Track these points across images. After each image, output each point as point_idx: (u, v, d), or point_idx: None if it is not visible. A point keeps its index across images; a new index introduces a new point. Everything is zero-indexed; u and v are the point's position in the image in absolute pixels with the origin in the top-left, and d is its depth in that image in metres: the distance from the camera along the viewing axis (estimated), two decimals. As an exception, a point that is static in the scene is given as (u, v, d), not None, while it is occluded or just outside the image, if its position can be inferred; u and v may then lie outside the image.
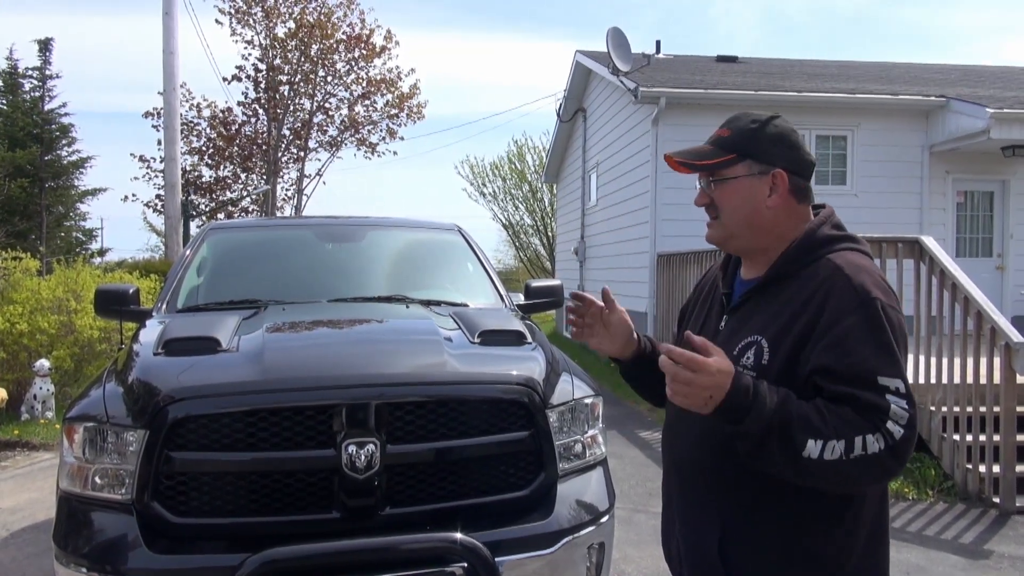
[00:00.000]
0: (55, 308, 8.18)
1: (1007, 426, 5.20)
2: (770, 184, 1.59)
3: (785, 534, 1.50)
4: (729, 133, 1.63)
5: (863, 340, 1.42)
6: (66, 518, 2.59)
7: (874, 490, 1.53)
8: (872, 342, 1.42)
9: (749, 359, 1.53)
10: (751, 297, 1.62)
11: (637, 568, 4.22)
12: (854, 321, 1.44)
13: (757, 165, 1.59)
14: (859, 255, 1.57)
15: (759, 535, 1.52)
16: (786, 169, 1.59)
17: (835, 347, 1.42)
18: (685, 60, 14.14)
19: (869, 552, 1.53)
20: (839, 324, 1.44)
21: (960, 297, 5.59)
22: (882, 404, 1.38)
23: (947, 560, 4.38)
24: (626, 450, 6.84)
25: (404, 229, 4.69)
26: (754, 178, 1.59)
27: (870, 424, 1.37)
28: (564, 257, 17.44)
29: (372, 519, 2.52)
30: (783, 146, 1.60)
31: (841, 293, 1.47)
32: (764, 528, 1.52)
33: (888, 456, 1.37)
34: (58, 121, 26.32)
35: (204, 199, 22.50)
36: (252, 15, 21.58)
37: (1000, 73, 13.90)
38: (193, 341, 2.84)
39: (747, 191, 1.60)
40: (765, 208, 1.59)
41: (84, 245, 28.20)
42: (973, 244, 11.10)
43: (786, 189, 1.59)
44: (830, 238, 1.59)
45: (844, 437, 1.36)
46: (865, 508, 1.52)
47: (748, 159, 1.60)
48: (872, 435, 1.36)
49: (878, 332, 1.43)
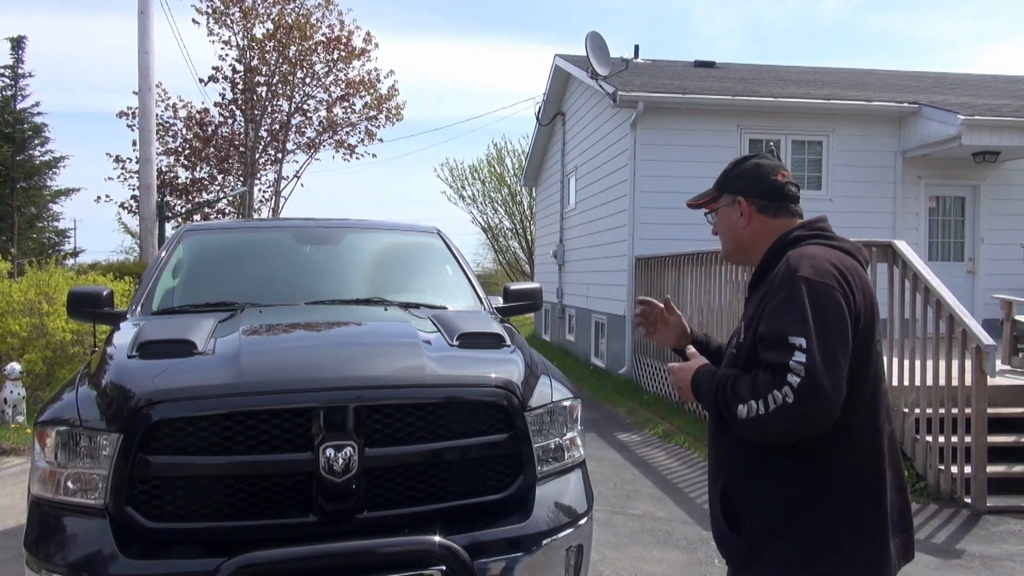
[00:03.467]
0: (26, 310, 8.05)
1: (978, 427, 5.28)
2: (739, 210, 1.97)
3: (766, 486, 1.81)
4: (720, 176, 2.03)
5: (783, 309, 1.73)
6: (38, 523, 2.55)
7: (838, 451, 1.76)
8: (789, 310, 1.71)
9: (735, 341, 1.91)
10: (749, 296, 1.97)
11: (615, 570, 4.23)
12: (782, 296, 1.74)
13: (729, 197, 1.99)
14: (819, 247, 1.84)
15: (749, 487, 1.85)
16: (745, 196, 1.95)
17: (765, 319, 1.76)
18: (663, 65, 14.24)
19: (836, 501, 1.76)
20: (772, 301, 1.77)
21: (932, 300, 5.67)
22: (785, 361, 1.66)
23: (920, 560, 4.43)
24: (605, 452, 6.87)
25: (383, 232, 4.68)
26: (729, 207, 2.00)
27: (778, 381, 1.66)
28: (543, 260, 17.47)
29: (350, 523, 2.50)
30: (745, 178, 1.97)
31: (780, 276, 1.78)
32: (752, 481, 1.84)
33: (795, 405, 1.64)
34: (30, 120, 25.97)
35: (180, 200, 22.28)
36: (230, 15, 21.42)
37: (972, 80, 14.14)
38: (168, 344, 2.81)
39: (726, 219, 2.01)
40: (741, 229, 1.98)
41: (57, 246, 27.84)
42: (945, 248, 11.28)
43: (753, 211, 1.96)
44: (797, 238, 1.89)
45: (760, 397, 1.68)
46: (831, 465, 1.77)
47: (724, 193, 2.01)
48: (779, 390, 1.66)
49: (795, 301, 1.71)
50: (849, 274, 1.77)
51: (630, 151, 10.62)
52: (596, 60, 11.23)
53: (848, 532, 1.75)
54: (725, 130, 10.74)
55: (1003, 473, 5.47)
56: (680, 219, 9.92)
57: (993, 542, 4.71)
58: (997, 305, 8.09)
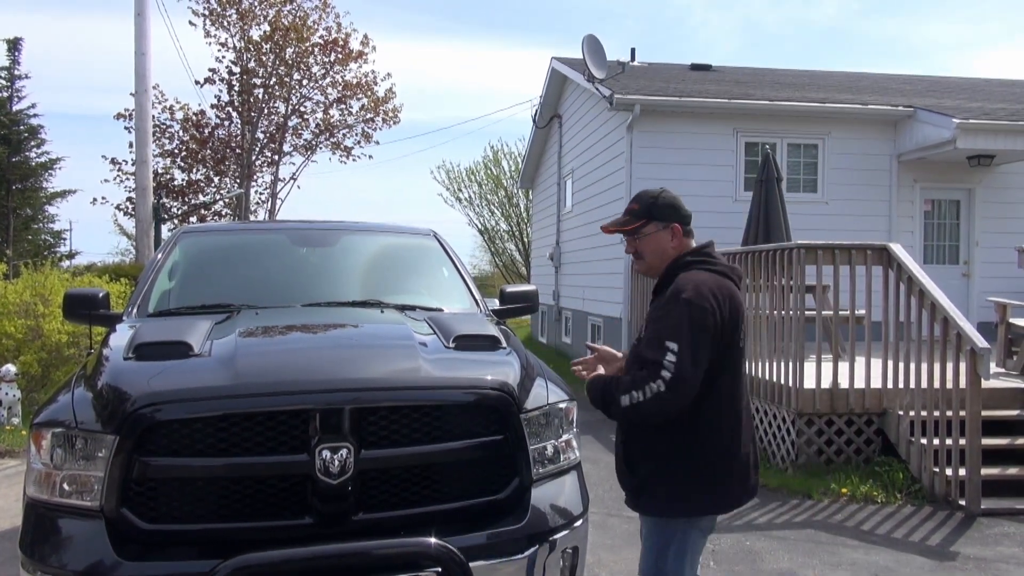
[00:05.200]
0: (22, 312, 8.04)
1: (972, 430, 5.30)
2: (671, 234, 2.51)
3: (651, 442, 2.44)
4: (638, 206, 2.54)
5: (665, 320, 2.33)
6: (33, 525, 2.55)
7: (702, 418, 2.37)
8: (668, 321, 2.32)
9: (635, 340, 2.50)
10: (653, 300, 2.51)
11: (611, 572, 4.24)
12: (666, 309, 2.35)
13: (660, 224, 2.51)
14: (704, 272, 2.43)
15: (640, 442, 2.47)
16: (679, 223, 2.51)
17: (650, 325, 2.38)
18: (660, 68, 14.26)
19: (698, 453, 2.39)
20: (657, 312, 2.38)
21: (927, 303, 5.69)
22: (660, 359, 2.27)
23: (914, 562, 4.45)
24: (601, 455, 6.87)
25: (379, 234, 4.68)
26: (663, 231, 2.51)
27: (653, 374, 2.26)
28: (539, 263, 17.48)
29: (346, 524, 2.51)
30: (672, 208, 2.52)
31: (670, 294, 2.38)
32: (641, 439, 2.47)
33: (666, 393, 2.25)
34: (26, 122, 25.94)
35: (176, 202, 22.27)
36: (226, 17, 21.43)
37: (966, 84, 14.19)
38: (164, 346, 2.81)
39: (656, 241, 2.53)
40: (672, 249, 2.52)
41: (52, 248, 27.79)
42: (940, 251, 11.31)
43: (681, 235, 2.52)
44: (686, 263, 2.48)
45: (640, 388, 2.28)
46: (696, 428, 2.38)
47: (654, 221, 2.51)
48: (654, 382, 2.26)
49: (675, 314, 2.32)
50: (720, 294, 2.37)
51: (626, 154, 10.64)
52: (593, 63, 11.25)
53: (706, 475, 2.40)
54: (721, 133, 10.77)
55: (997, 476, 5.49)
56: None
57: (987, 544, 4.73)
58: (992, 308, 8.12)
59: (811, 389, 6.07)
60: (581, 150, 13.30)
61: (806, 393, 6.08)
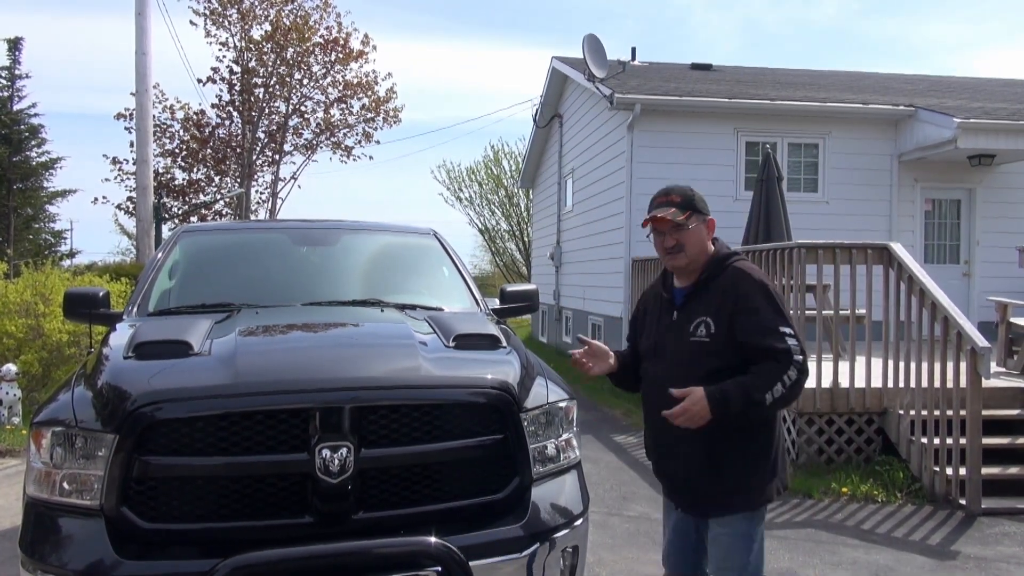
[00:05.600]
0: (23, 311, 8.04)
1: (973, 429, 5.29)
2: (707, 227, 2.60)
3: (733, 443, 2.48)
4: (680, 199, 2.57)
5: (766, 307, 2.45)
6: (33, 524, 2.55)
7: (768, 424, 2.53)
8: (771, 308, 2.45)
9: (702, 331, 2.50)
10: (691, 296, 2.58)
11: (611, 571, 4.24)
12: (759, 298, 2.46)
13: (700, 216, 2.58)
14: (747, 263, 2.60)
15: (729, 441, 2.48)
16: (711, 218, 2.61)
17: (753, 314, 2.44)
18: (660, 67, 14.26)
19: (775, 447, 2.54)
20: (751, 300, 2.46)
21: (928, 303, 5.69)
22: (787, 347, 2.39)
23: (915, 561, 4.45)
24: (601, 454, 6.87)
25: (379, 233, 4.68)
26: (701, 225, 2.58)
27: (785, 364, 2.38)
28: (540, 262, 17.48)
29: (345, 523, 2.50)
30: (704, 204, 2.62)
31: (747, 283, 2.49)
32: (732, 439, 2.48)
33: (800, 375, 2.39)
34: (27, 122, 25.95)
35: (177, 202, 22.25)
36: (227, 17, 21.42)
37: (967, 84, 14.18)
38: (164, 345, 2.81)
39: (698, 234, 2.57)
40: (708, 241, 2.60)
41: (53, 247, 27.80)
42: (941, 251, 11.31)
43: (712, 229, 2.62)
44: (727, 255, 2.60)
45: (779, 380, 2.36)
46: (770, 424, 2.52)
47: (696, 214, 2.57)
48: (789, 371, 2.37)
49: (773, 301, 2.47)
50: None
51: (627, 153, 10.63)
52: (593, 62, 11.25)
53: (779, 462, 2.57)
54: (722, 132, 10.76)
55: (998, 475, 5.48)
56: (677, 221, 9.97)
57: (988, 544, 4.73)
58: (992, 307, 8.12)
59: (811, 388, 6.06)
60: (581, 150, 13.30)
61: (806, 392, 6.07)
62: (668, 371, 2.54)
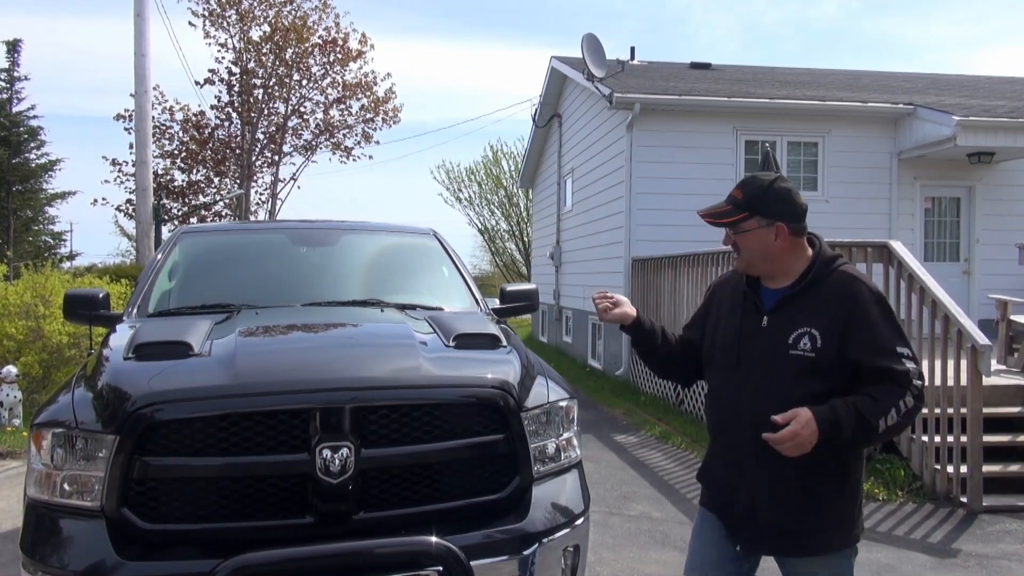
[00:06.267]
0: (23, 313, 8.04)
1: (974, 427, 5.29)
2: (775, 233, 2.21)
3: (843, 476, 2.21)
4: (741, 195, 2.23)
5: (884, 323, 2.14)
6: (34, 526, 2.55)
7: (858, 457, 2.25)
8: (890, 324, 2.15)
9: (806, 344, 2.15)
10: (788, 301, 2.22)
11: (612, 571, 4.24)
12: (876, 313, 2.14)
13: (764, 219, 2.20)
14: (854, 268, 2.27)
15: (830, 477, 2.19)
16: (785, 222, 2.20)
17: (869, 330, 2.12)
18: (659, 67, 14.26)
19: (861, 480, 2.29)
20: (868, 316, 2.13)
21: (928, 301, 5.69)
22: (906, 369, 2.09)
23: (916, 559, 4.45)
24: (602, 454, 6.87)
25: (379, 233, 4.68)
26: (763, 229, 2.21)
27: (903, 388, 2.08)
28: (540, 262, 17.47)
29: (346, 524, 2.50)
30: (781, 203, 2.21)
31: (862, 293, 2.16)
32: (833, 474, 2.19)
33: (917, 402, 2.09)
34: (26, 124, 25.94)
35: (176, 203, 22.24)
36: (226, 18, 21.40)
37: (966, 82, 14.17)
38: (164, 346, 2.80)
39: (759, 238, 2.22)
40: (773, 247, 2.22)
41: (53, 249, 27.80)
42: (941, 249, 11.31)
43: (787, 234, 2.21)
44: (833, 257, 2.25)
45: (894, 406, 2.06)
46: (860, 455, 2.25)
47: (757, 215, 2.21)
48: (907, 396, 2.07)
49: (891, 318, 2.17)
50: None
51: (626, 153, 10.63)
52: (592, 62, 11.25)
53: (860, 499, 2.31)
54: (721, 131, 10.76)
55: (999, 473, 5.49)
56: (676, 220, 9.97)
57: (989, 541, 4.72)
58: (993, 305, 8.11)
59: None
60: (581, 149, 13.30)
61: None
62: (756, 386, 2.19)
